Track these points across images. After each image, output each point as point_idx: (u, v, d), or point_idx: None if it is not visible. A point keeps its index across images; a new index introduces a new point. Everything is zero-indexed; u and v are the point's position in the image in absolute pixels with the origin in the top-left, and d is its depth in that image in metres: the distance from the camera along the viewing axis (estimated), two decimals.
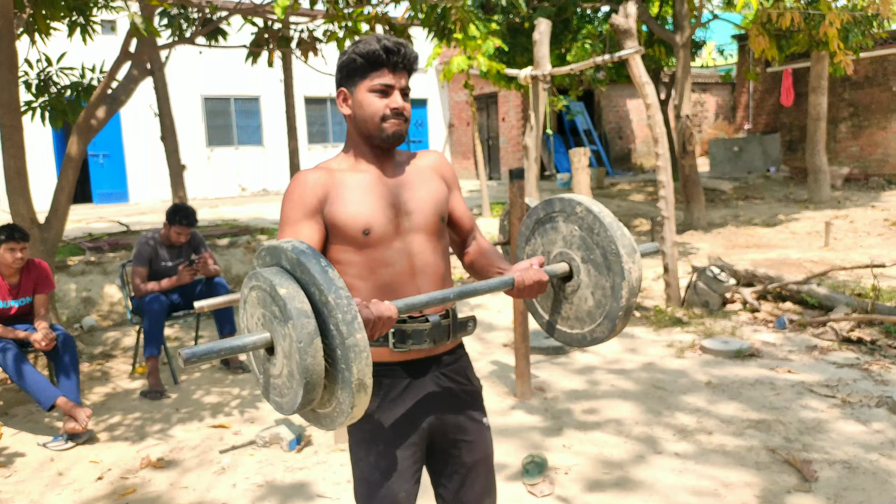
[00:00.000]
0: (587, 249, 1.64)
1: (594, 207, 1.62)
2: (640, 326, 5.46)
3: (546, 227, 1.74)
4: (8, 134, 4.94)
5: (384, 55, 1.61)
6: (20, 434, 3.91)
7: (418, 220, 1.68)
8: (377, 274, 1.63)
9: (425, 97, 17.38)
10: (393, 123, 1.64)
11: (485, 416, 1.80)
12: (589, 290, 1.66)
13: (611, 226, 1.59)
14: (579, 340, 1.71)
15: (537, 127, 6.94)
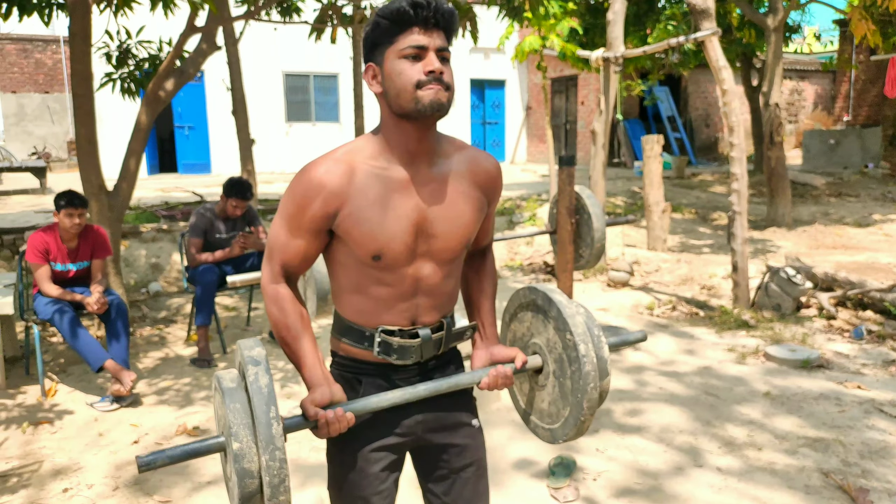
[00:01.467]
0: (560, 369, 1.56)
1: (581, 347, 1.49)
2: (702, 327, 5.15)
3: (539, 316, 1.63)
4: (80, 103, 5.11)
5: (411, 10, 1.34)
6: (73, 392, 4.07)
7: (439, 245, 1.48)
8: (375, 290, 1.50)
9: (503, 78, 17.09)
10: (430, 90, 1.35)
11: (475, 418, 1.67)
12: (549, 398, 1.62)
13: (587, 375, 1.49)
14: (557, 436, 1.63)
15: (606, 111, 6.65)
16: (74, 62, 5.12)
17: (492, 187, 1.57)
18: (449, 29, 1.41)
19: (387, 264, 1.46)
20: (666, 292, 6.17)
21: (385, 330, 1.50)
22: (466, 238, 1.52)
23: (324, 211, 1.41)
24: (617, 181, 12.48)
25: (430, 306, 1.54)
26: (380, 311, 1.51)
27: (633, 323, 5.30)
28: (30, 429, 3.55)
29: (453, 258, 1.53)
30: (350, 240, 1.43)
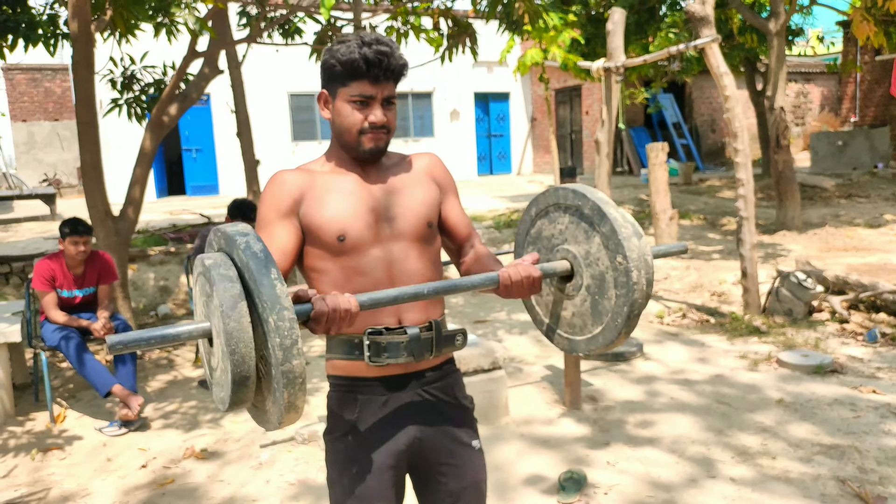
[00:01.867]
0: (600, 288, 1.47)
1: (633, 274, 1.41)
2: (713, 334, 5.10)
3: (581, 224, 1.52)
4: (84, 130, 5.16)
5: (364, 66, 1.45)
6: (82, 418, 4.07)
7: (401, 225, 1.54)
8: (353, 283, 1.50)
9: (507, 91, 17.14)
10: (370, 138, 1.51)
11: (475, 439, 1.64)
12: (591, 295, 1.49)
13: (633, 303, 1.41)
14: (578, 348, 1.55)
15: (609, 121, 6.62)
16: (78, 90, 5.18)
17: (437, 171, 1.66)
18: (399, 77, 1.53)
19: (353, 245, 1.50)
20: (676, 300, 6.12)
21: (372, 331, 1.49)
22: (427, 215, 1.58)
23: (290, 198, 1.51)
24: (624, 189, 12.44)
25: (414, 303, 1.52)
26: (364, 313, 1.47)
27: (642, 332, 5.26)
28: (39, 455, 3.55)
29: (421, 237, 1.56)
30: (314, 224, 1.50)
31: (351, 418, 1.54)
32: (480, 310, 6.15)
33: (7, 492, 3.18)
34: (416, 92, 15.79)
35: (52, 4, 6.20)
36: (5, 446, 3.67)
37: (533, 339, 5.17)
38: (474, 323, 5.73)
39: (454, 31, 5.58)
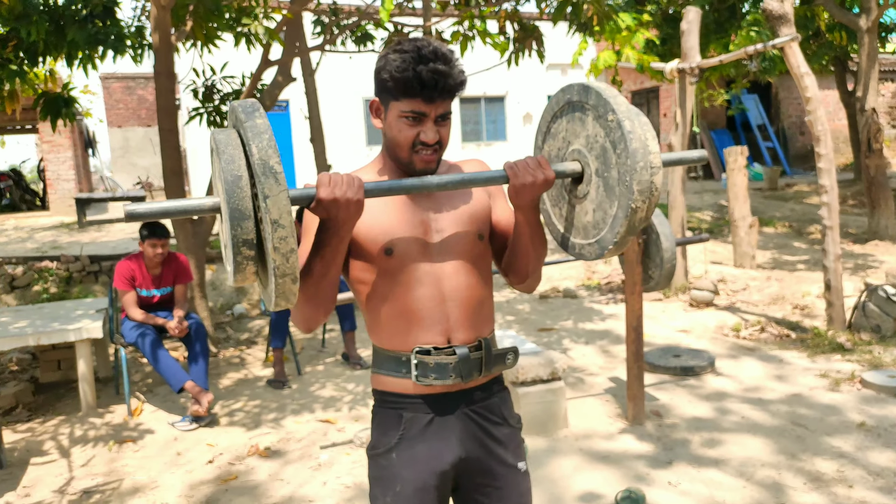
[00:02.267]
0: (604, 163, 1.39)
1: (625, 123, 1.35)
2: (793, 350, 4.84)
3: (575, 115, 1.48)
4: (165, 136, 5.41)
5: (418, 87, 1.38)
6: (157, 412, 4.26)
7: (451, 239, 1.49)
8: (400, 298, 1.48)
9: None
10: (423, 159, 1.45)
11: (521, 461, 1.59)
12: (592, 206, 1.43)
13: (634, 154, 1.33)
14: (592, 251, 1.48)
15: (683, 124, 6.42)
16: (159, 98, 5.44)
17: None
18: (455, 94, 1.46)
19: (401, 259, 1.46)
20: (754, 312, 5.85)
21: (420, 350, 1.47)
22: (478, 227, 1.53)
23: None
24: (703, 195, 12.02)
25: (463, 318, 1.50)
26: (410, 327, 1.48)
27: (715, 346, 5.05)
28: (115, 447, 3.74)
29: (470, 252, 1.52)
30: (361, 237, 1.46)
31: (395, 436, 1.52)
32: (547, 318, 6.07)
33: (84, 480, 3.36)
34: (489, 96, 15.77)
35: (140, 17, 6.55)
36: (85, 436, 3.88)
37: (599, 350, 5.06)
38: (539, 331, 5.65)
39: (520, 35, 5.52)
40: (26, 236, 9.61)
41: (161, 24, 5.11)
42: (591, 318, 5.93)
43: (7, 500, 3.17)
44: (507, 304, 6.61)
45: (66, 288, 6.25)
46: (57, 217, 12.01)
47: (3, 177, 13.73)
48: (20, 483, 3.34)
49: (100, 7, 5.88)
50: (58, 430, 3.97)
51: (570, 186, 1.51)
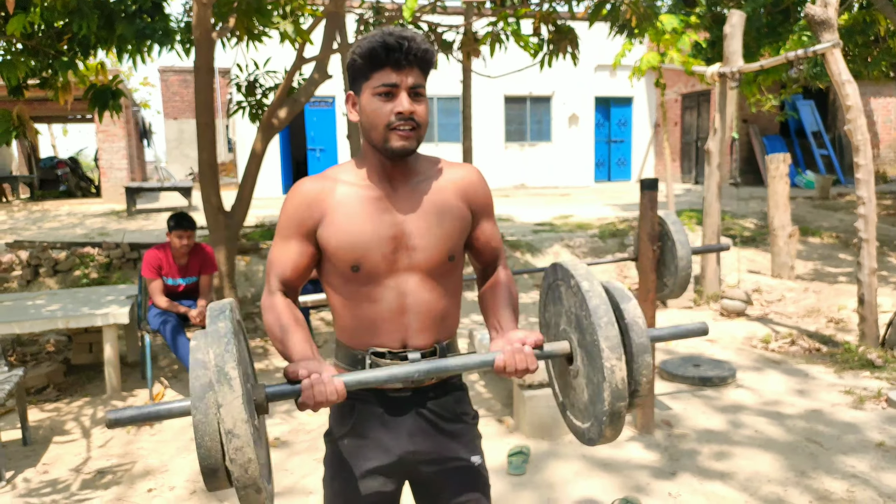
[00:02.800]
0: (581, 332, 1.37)
1: (583, 284, 1.33)
2: (820, 365, 4.69)
3: (554, 295, 1.49)
4: (202, 130, 5.56)
5: (383, 53, 1.39)
6: (179, 397, 4.39)
7: (420, 258, 1.49)
8: (362, 308, 1.50)
9: (630, 95, 16.61)
10: (400, 135, 1.42)
11: (474, 455, 1.62)
12: (584, 381, 1.39)
13: (595, 310, 1.30)
14: (582, 438, 1.44)
15: (722, 129, 6.28)
16: (198, 93, 5.59)
17: (473, 193, 1.57)
18: (426, 65, 1.45)
19: (367, 275, 1.47)
20: (786, 324, 5.68)
21: (375, 352, 1.50)
22: (448, 249, 1.51)
23: (309, 215, 1.48)
24: (750, 202, 11.69)
25: (421, 327, 1.51)
26: (369, 331, 1.51)
27: (740, 357, 4.93)
28: (133, 430, 3.88)
29: (439, 272, 1.51)
30: (330, 250, 1.48)
31: (349, 424, 1.57)
32: None
33: (100, 460, 3.50)
34: (535, 96, 15.67)
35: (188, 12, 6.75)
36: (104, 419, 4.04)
37: None
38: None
39: (555, 37, 5.48)
40: (77, 222, 10.02)
41: (202, 21, 5.26)
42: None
43: (26, 475, 3.33)
44: (532, 306, 6.58)
45: (105, 274, 6.50)
46: (108, 205, 12.47)
47: (61, 164, 14.32)
48: (41, 460, 3.50)
49: (148, 3, 6.10)
50: (81, 411, 4.14)
51: (566, 367, 1.47)
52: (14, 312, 4.30)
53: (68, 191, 14.26)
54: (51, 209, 11.85)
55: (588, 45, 12.49)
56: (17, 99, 6.71)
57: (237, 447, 1.09)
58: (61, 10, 5.59)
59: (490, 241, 1.62)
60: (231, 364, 1.12)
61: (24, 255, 6.34)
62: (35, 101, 13.09)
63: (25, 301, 4.66)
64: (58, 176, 14.48)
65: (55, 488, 3.19)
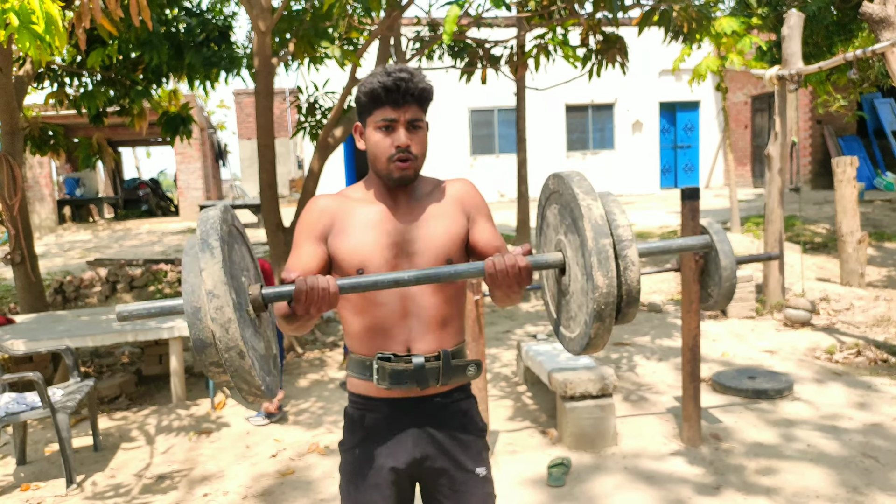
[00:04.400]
0: (576, 241, 1.37)
1: (578, 193, 1.35)
2: (885, 377, 4.47)
3: (547, 212, 1.54)
4: (263, 151, 5.83)
5: (382, 93, 1.55)
6: (237, 406, 4.60)
7: (420, 262, 1.60)
8: (368, 312, 1.61)
9: (697, 99, 16.21)
10: (398, 167, 1.58)
11: (479, 466, 1.67)
12: (576, 285, 1.40)
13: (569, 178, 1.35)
14: (572, 349, 1.45)
15: (783, 133, 6.10)
16: (259, 117, 5.86)
17: (466, 198, 1.69)
18: (422, 101, 1.59)
19: None
20: (853, 334, 5.44)
21: (381, 356, 1.59)
22: (448, 251, 1.62)
23: (320, 224, 1.63)
24: (824, 206, 11.20)
25: (425, 331, 1.60)
26: (375, 337, 1.61)
27: (800, 369, 4.75)
28: (195, 437, 4.10)
29: None
30: (337, 255, 1.60)
31: (360, 434, 1.66)
32: (625, 331, 5.94)
33: (162, 466, 3.72)
34: (597, 104, 15.52)
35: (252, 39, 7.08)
36: (171, 426, 4.28)
37: (672, 367, 4.91)
38: (614, 344, 5.55)
39: (603, 46, 5.47)
40: (156, 240, 10.60)
41: (262, 48, 5.52)
42: (671, 335, 5.74)
43: (95, 479, 3.58)
44: None
45: (177, 289, 6.87)
46: (185, 222, 13.14)
47: (143, 185, 15.16)
48: (108, 465, 3.75)
49: (216, 32, 6.46)
50: (148, 419, 4.40)
51: (559, 277, 1.50)
52: (89, 327, 4.61)
53: (149, 210, 15.09)
54: (132, 228, 12.57)
55: (651, 50, 12.30)
56: (98, 126, 7.21)
57: (217, 307, 1.18)
58: (135, 43, 5.99)
59: (491, 241, 1.68)
60: (214, 237, 1.24)
61: (103, 273, 6.78)
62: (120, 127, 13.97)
63: (100, 316, 4.99)
64: (139, 196, 15.33)
65: (118, 492, 3.41)
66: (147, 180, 15.77)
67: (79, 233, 12.34)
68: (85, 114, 6.49)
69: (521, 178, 7.93)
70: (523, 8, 5.88)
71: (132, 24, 5.13)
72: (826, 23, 8.70)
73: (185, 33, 6.28)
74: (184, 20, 6.32)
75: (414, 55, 6.76)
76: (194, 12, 6.46)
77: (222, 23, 6.42)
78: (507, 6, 5.30)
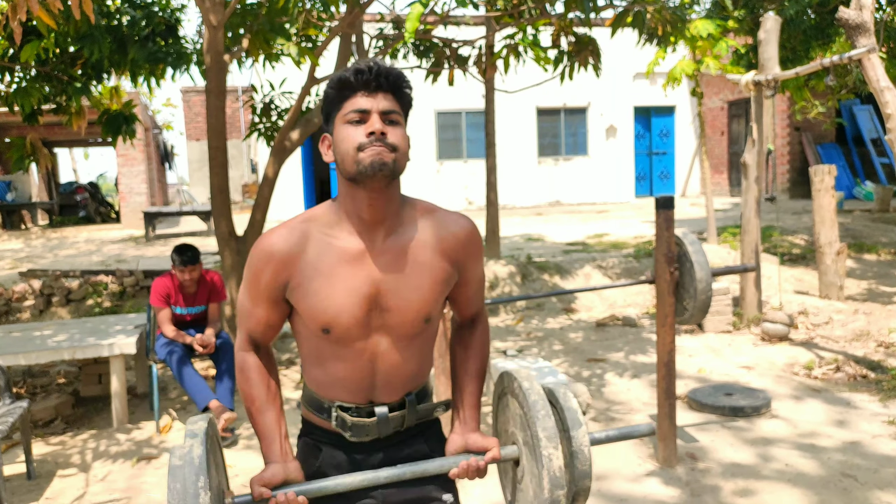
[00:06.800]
0: (524, 431, 1.55)
1: (525, 384, 1.53)
2: (864, 393, 4.62)
3: (503, 401, 1.68)
4: (214, 154, 5.78)
5: (352, 77, 1.42)
6: (184, 430, 4.54)
7: (393, 320, 1.51)
8: (330, 364, 1.55)
9: (672, 104, 16.56)
10: (372, 152, 1.39)
11: (447, 493, 1.67)
12: (528, 478, 1.55)
13: (534, 405, 1.49)
14: None
15: (759, 141, 6.27)
16: (209, 117, 5.82)
17: (462, 252, 1.56)
18: (397, 90, 1.47)
19: (338, 338, 1.51)
20: (832, 349, 5.60)
21: (341, 406, 1.57)
22: (425, 312, 1.53)
23: (275, 281, 1.49)
24: (803, 216, 11.53)
25: (388, 386, 1.57)
26: (335, 387, 1.57)
27: (779, 385, 4.88)
28: (138, 463, 4.03)
29: (412, 334, 1.55)
30: (300, 311, 1.51)
31: (314, 466, 1.63)
32: (599, 347, 6.03)
33: (103, 495, 3.65)
34: (569, 107, 15.74)
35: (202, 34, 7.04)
36: (112, 451, 4.20)
37: (647, 384, 5.00)
38: (588, 360, 5.63)
39: (575, 48, 5.57)
40: (94, 249, 10.40)
41: (213, 44, 5.49)
42: (646, 350, 5.85)
43: None
44: (559, 332, 6.61)
45: (118, 302, 6.75)
46: (127, 230, 12.91)
47: (80, 189, 14.87)
48: (43, 494, 3.67)
49: (162, 25, 6.39)
50: (87, 444, 4.31)
51: (514, 469, 1.63)
52: (21, 343, 4.52)
53: (87, 216, 14.80)
54: (69, 236, 12.31)
55: (625, 53, 12.53)
56: (32, 125, 7.07)
57: None
58: (74, 36, 5.90)
59: (471, 299, 1.67)
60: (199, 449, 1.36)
61: (37, 285, 6.63)
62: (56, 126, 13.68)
63: (33, 331, 4.89)
64: (77, 202, 15.03)
65: None
66: (85, 184, 15.47)
67: (10, 241, 12.04)
68: (18, 112, 6.36)
69: (491, 184, 8.00)
70: (492, 7, 5.96)
71: (72, 16, 5.06)
72: (803, 27, 9.00)
73: (128, 26, 6.20)
74: (127, 12, 6.24)
75: (377, 54, 6.80)
76: (138, 4, 6.39)
77: (169, 16, 6.36)
78: (474, 5, 5.38)
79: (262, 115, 7.25)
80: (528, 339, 6.43)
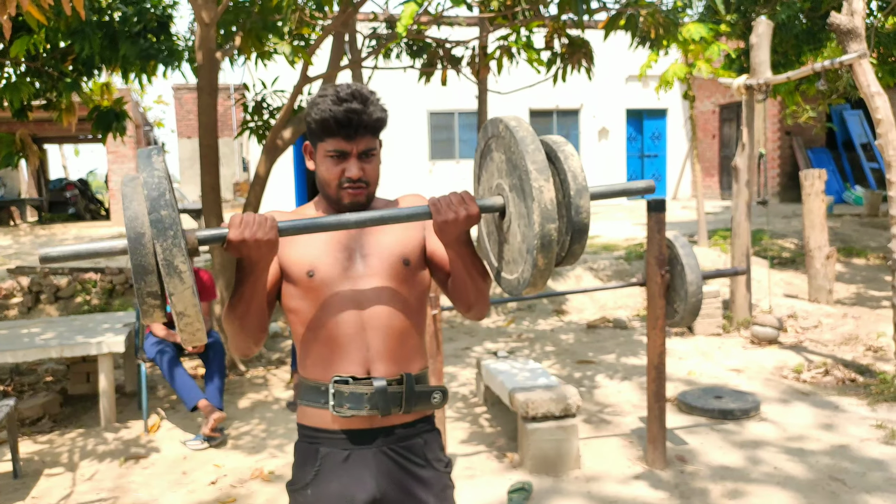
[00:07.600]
0: (511, 175, 1.48)
1: (511, 122, 1.47)
2: (852, 397, 4.65)
3: (486, 158, 1.62)
4: (205, 152, 5.77)
5: (334, 125, 1.56)
6: (174, 430, 4.52)
7: (374, 263, 1.62)
8: (322, 324, 1.59)
9: (665, 107, 16.61)
10: (349, 194, 1.62)
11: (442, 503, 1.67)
12: (516, 224, 1.49)
13: (523, 140, 1.42)
14: (514, 287, 1.54)
15: (750, 144, 6.30)
16: (201, 115, 5.80)
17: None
18: (375, 131, 1.62)
19: (322, 280, 1.60)
20: (821, 353, 5.63)
21: (338, 379, 1.58)
22: (403, 252, 1.65)
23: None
24: (792, 220, 11.58)
25: (385, 350, 1.60)
26: (333, 358, 1.60)
27: (767, 388, 4.90)
28: (126, 463, 4.01)
29: (395, 275, 1.63)
30: (288, 262, 1.62)
31: (311, 471, 1.62)
32: (590, 349, 6.04)
33: (90, 494, 3.63)
34: (562, 109, 15.77)
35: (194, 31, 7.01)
36: (99, 451, 4.18)
37: (637, 387, 5.01)
38: (577, 363, 5.64)
39: (568, 50, 5.58)
40: None
41: (205, 41, 5.47)
42: (637, 353, 5.86)
43: None
44: (551, 334, 6.62)
45: (107, 300, 6.71)
46: (117, 227, 12.84)
47: (70, 186, 14.78)
48: (30, 493, 3.64)
49: (154, 22, 6.36)
50: (75, 443, 4.29)
51: (499, 222, 1.58)
52: (8, 341, 4.48)
53: (77, 213, 14.71)
54: (58, 233, 12.23)
55: (618, 56, 12.57)
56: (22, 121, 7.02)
57: (187, 322, 1.33)
58: (64, 32, 5.86)
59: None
60: (180, 258, 1.27)
61: (25, 282, 6.58)
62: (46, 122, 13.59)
63: (21, 329, 4.85)
64: (66, 198, 14.94)
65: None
66: (75, 181, 15.38)
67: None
68: (7, 107, 6.32)
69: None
70: (486, 7, 5.96)
71: (62, 11, 5.03)
72: (795, 31, 9.04)
73: (119, 22, 6.17)
74: (118, 8, 6.21)
75: (370, 53, 6.78)
76: (130, 0, 6.36)
77: (161, 12, 6.33)
78: (468, 5, 5.38)
79: (254, 114, 7.23)
80: (518, 340, 6.44)
